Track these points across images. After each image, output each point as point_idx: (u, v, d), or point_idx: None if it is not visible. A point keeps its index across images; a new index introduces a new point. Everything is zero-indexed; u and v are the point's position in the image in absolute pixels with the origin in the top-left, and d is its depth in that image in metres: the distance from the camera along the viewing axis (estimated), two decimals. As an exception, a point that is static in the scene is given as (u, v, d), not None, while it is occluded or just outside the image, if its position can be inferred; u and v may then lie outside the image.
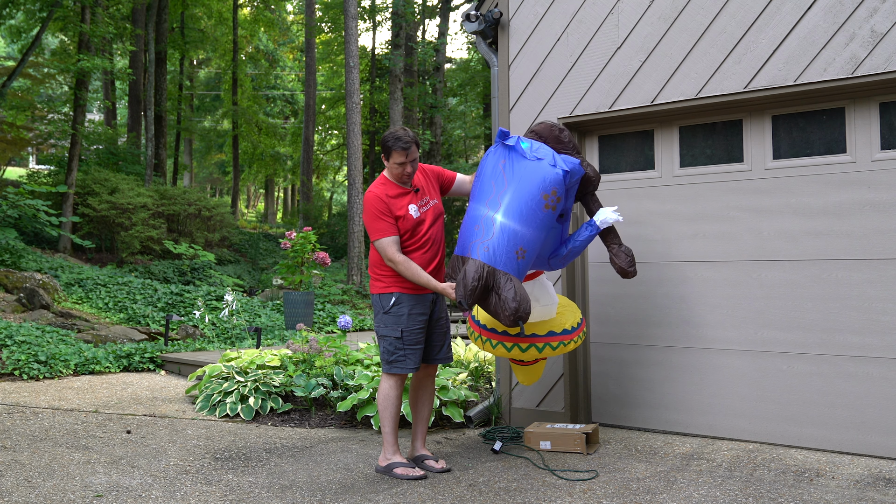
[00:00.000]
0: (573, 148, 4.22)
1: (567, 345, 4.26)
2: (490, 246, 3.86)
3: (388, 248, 3.99)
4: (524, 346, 4.21)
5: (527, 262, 3.94)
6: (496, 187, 4.01)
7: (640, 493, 3.69)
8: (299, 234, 10.60)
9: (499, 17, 5.41)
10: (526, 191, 3.94)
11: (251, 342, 8.77)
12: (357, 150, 16.24)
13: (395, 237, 4.01)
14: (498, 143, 4.14)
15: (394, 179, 4.11)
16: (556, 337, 4.21)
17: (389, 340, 4.09)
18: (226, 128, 32.07)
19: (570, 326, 4.27)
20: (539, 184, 3.95)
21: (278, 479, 3.98)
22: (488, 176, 4.08)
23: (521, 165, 4.01)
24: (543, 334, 4.20)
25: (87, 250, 15.65)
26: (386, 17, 25.67)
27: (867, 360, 4.30)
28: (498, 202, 3.97)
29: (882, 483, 3.80)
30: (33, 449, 4.50)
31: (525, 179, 3.96)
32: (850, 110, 4.40)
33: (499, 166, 4.06)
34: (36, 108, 17.78)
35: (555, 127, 4.22)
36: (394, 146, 4.01)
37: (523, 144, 4.06)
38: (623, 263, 4.13)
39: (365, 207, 4.08)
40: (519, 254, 3.88)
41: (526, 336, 4.18)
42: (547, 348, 4.21)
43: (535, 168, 3.98)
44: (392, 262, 4.00)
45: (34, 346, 7.36)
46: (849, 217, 4.37)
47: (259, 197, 45.43)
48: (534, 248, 3.96)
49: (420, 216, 4.10)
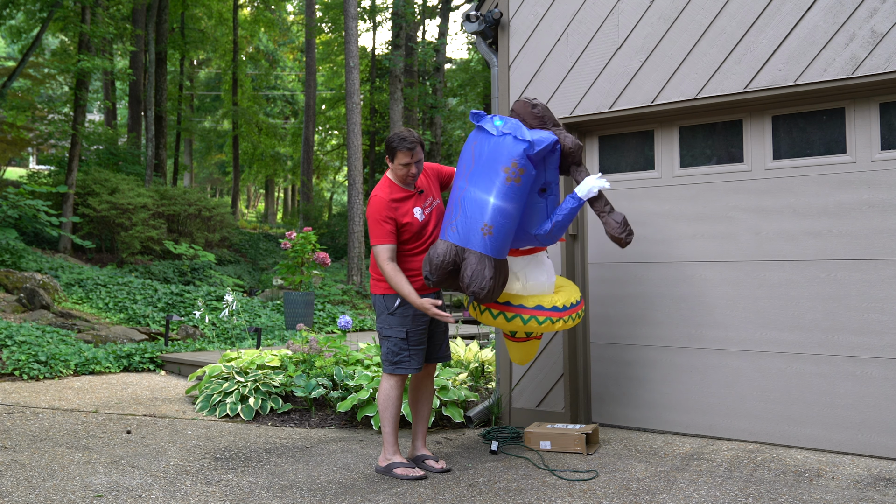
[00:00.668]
0: (549, 121, 4.18)
1: (555, 322, 4.12)
2: (457, 226, 3.96)
3: (381, 255, 4.01)
4: (510, 314, 4.13)
5: (496, 238, 3.91)
6: (465, 168, 4.09)
7: (640, 494, 3.69)
8: (299, 235, 10.60)
9: (499, 17, 5.41)
10: (488, 166, 3.98)
11: (251, 342, 8.77)
12: (357, 150, 16.24)
13: (391, 246, 4.01)
14: (476, 125, 4.18)
15: (398, 181, 4.11)
16: (543, 312, 4.10)
17: (394, 341, 4.09)
18: (226, 128, 32.08)
19: (560, 305, 4.15)
20: (499, 157, 3.96)
21: (278, 480, 3.98)
22: (463, 158, 4.16)
23: (488, 143, 4.04)
24: (531, 307, 4.12)
25: (88, 250, 15.65)
26: (386, 18, 25.67)
27: (867, 360, 4.30)
28: (465, 182, 4.04)
29: (882, 483, 3.80)
30: (33, 449, 4.50)
31: (490, 157, 4.00)
32: (850, 110, 4.40)
33: (471, 147, 4.13)
34: (36, 109, 17.78)
35: (527, 103, 4.20)
36: (399, 147, 4.00)
37: (496, 122, 4.08)
38: (614, 231, 4.06)
39: (369, 210, 4.06)
40: (485, 230, 3.89)
41: (513, 306, 4.13)
42: (532, 321, 4.10)
43: (498, 143, 4.00)
44: (381, 268, 4.01)
45: (34, 346, 7.36)
46: (849, 217, 4.37)
47: (259, 197, 45.44)
48: (503, 223, 3.92)
49: (424, 218, 4.12)
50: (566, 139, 4.14)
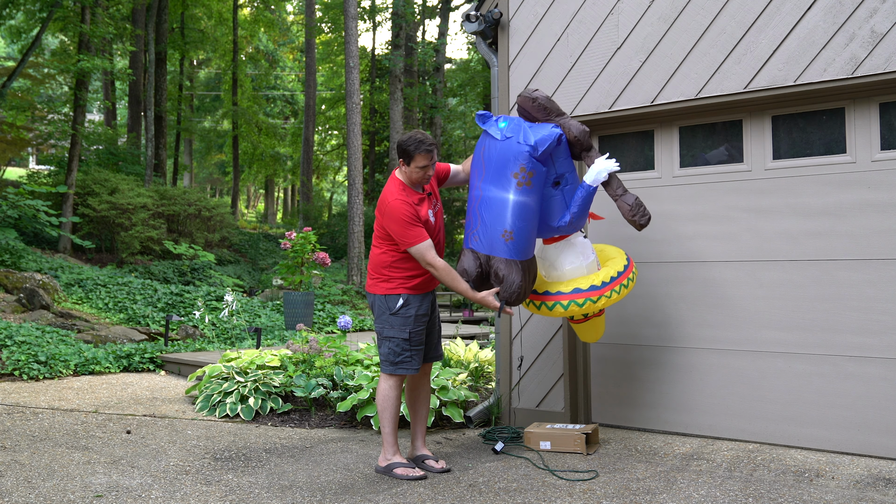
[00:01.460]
0: (553, 112, 4.17)
1: (596, 301, 4.11)
2: (479, 235, 4.05)
3: (428, 253, 3.97)
4: (550, 303, 4.19)
5: (518, 241, 3.97)
6: (478, 174, 4.13)
7: (640, 494, 3.69)
8: (299, 235, 10.60)
9: (499, 17, 5.41)
10: (499, 171, 4.01)
11: (251, 342, 8.77)
12: (357, 150, 16.24)
13: (430, 241, 4.00)
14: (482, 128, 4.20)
15: (412, 184, 4.08)
16: (580, 294, 4.11)
17: (396, 342, 4.09)
18: (226, 128, 32.08)
19: (599, 282, 4.13)
20: (507, 163, 3.99)
21: (278, 480, 3.98)
22: (474, 164, 4.20)
23: (495, 148, 4.06)
24: (568, 291, 4.14)
25: (87, 250, 15.65)
26: (386, 18, 25.70)
27: (867, 361, 4.30)
28: (480, 190, 4.09)
29: (882, 483, 3.80)
30: (33, 449, 4.50)
31: (499, 162, 4.02)
32: (850, 110, 4.40)
33: (480, 152, 4.16)
34: (36, 109, 17.78)
35: (528, 97, 4.19)
36: (418, 150, 3.98)
37: (501, 125, 4.09)
38: (626, 214, 4.10)
39: (394, 217, 3.97)
40: (506, 236, 3.96)
41: (550, 294, 4.18)
42: (573, 305, 4.13)
43: (505, 148, 4.02)
44: (432, 266, 3.97)
45: (34, 346, 7.36)
46: (849, 217, 4.37)
47: (259, 197, 45.43)
48: (522, 226, 3.97)
49: (435, 221, 4.14)
50: (571, 128, 4.12)
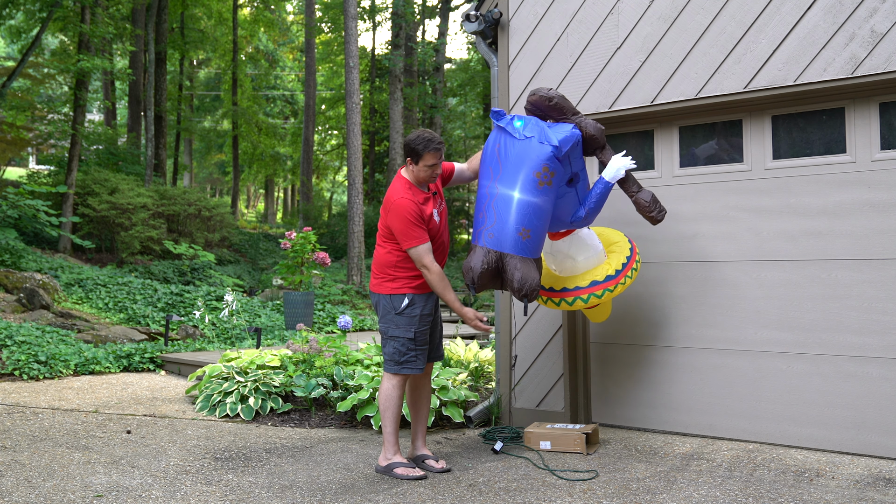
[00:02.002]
0: (568, 111, 4.21)
1: (613, 290, 4.26)
2: (493, 232, 4.03)
3: (426, 257, 3.99)
4: (570, 299, 4.28)
5: (534, 240, 4.03)
6: (493, 172, 4.11)
7: (640, 493, 3.69)
8: (299, 235, 10.60)
9: (499, 17, 5.41)
10: (516, 170, 4.01)
11: (251, 342, 8.77)
12: (357, 150, 16.24)
13: (429, 244, 4.02)
14: (495, 125, 4.20)
15: (418, 183, 4.09)
16: (598, 286, 4.24)
17: (402, 342, 4.09)
18: (226, 128, 32.06)
19: (613, 271, 4.27)
20: (529, 163, 4.00)
21: (278, 479, 3.98)
22: (487, 161, 4.18)
23: (513, 147, 4.07)
24: (586, 285, 4.25)
25: (87, 250, 15.65)
26: (386, 18, 25.68)
27: (867, 360, 4.30)
28: (496, 188, 4.07)
29: (882, 483, 3.80)
30: (33, 449, 4.50)
31: (517, 161, 4.03)
32: (849, 110, 4.40)
33: (495, 150, 4.15)
34: (36, 109, 17.77)
35: (544, 97, 4.20)
36: (427, 148, 3.99)
37: (517, 123, 4.11)
38: (645, 210, 4.17)
39: (398, 214, 3.99)
40: (523, 234, 3.99)
41: (568, 290, 4.27)
42: (592, 298, 4.25)
43: (525, 147, 4.02)
44: (427, 269, 4.00)
45: (34, 346, 7.36)
46: (849, 217, 4.38)
47: (259, 197, 45.42)
48: (538, 225, 4.02)
49: (440, 220, 4.14)
50: (588, 126, 4.17)
